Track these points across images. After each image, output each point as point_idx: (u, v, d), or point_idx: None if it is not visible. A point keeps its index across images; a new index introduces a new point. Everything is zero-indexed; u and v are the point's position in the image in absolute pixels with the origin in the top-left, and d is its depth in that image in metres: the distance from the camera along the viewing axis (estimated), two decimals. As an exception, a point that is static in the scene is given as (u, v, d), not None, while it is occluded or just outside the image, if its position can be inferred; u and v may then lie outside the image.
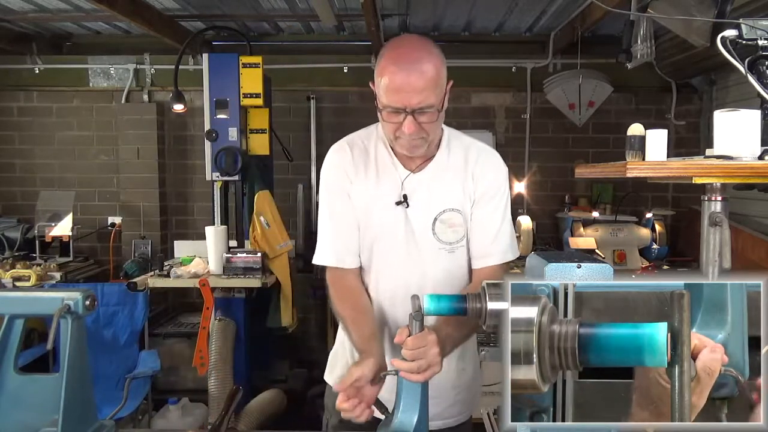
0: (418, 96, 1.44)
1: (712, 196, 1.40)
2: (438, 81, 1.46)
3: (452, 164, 1.64)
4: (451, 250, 1.61)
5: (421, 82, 1.43)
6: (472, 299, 1.15)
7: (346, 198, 1.63)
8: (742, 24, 1.37)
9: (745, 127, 1.34)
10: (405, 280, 1.60)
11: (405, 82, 1.43)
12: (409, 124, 1.47)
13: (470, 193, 1.63)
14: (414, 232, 1.60)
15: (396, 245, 1.61)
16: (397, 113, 1.47)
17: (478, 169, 1.63)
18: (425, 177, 1.62)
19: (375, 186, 1.62)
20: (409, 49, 1.47)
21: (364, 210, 1.63)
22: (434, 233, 1.60)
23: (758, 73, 1.36)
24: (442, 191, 1.61)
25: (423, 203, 1.60)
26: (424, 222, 1.60)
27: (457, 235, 1.61)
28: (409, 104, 1.45)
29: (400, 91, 1.44)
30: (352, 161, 1.64)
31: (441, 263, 1.61)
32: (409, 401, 1.27)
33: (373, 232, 1.63)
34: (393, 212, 1.60)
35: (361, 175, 1.63)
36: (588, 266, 1.08)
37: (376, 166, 1.64)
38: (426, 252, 1.60)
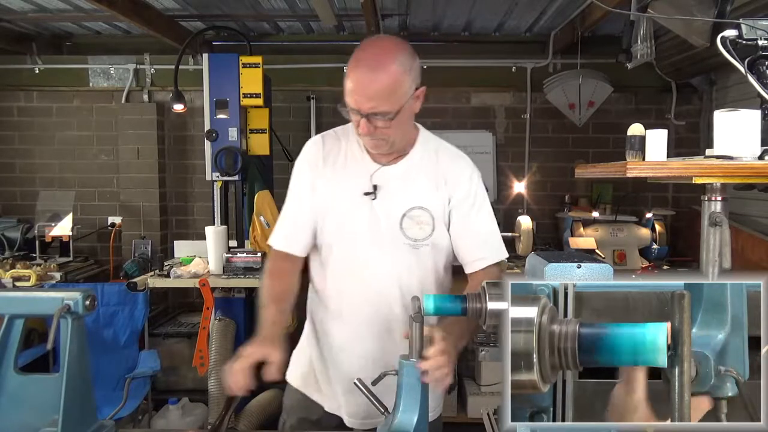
0: (369, 102, 1.47)
1: (712, 196, 1.40)
2: (394, 89, 1.47)
3: (424, 164, 1.65)
4: (415, 246, 1.62)
5: (372, 89, 1.46)
6: (472, 299, 1.15)
7: (308, 191, 1.67)
8: (742, 24, 1.37)
9: (745, 127, 1.34)
10: (363, 270, 1.62)
11: (359, 87, 1.47)
12: (363, 125, 1.50)
13: (444, 197, 1.64)
14: (379, 225, 1.61)
15: (358, 235, 1.62)
16: (355, 113, 1.50)
17: (450, 174, 1.65)
18: (396, 172, 1.63)
19: (342, 175, 1.65)
20: (372, 54, 1.49)
21: (329, 198, 1.65)
22: (401, 228, 1.61)
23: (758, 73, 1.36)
24: (413, 188, 1.63)
25: (392, 197, 1.62)
26: (391, 216, 1.61)
27: (424, 233, 1.61)
28: (361, 108, 1.48)
29: (354, 95, 1.48)
30: (322, 152, 1.68)
31: (403, 259, 1.62)
32: (409, 401, 1.27)
33: (335, 221, 1.65)
34: (359, 202, 1.62)
35: (329, 166, 1.66)
36: (588, 266, 1.08)
37: (346, 157, 1.67)
38: (389, 246, 1.61)
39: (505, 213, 4.28)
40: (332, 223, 1.65)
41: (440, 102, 4.52)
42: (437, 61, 4.40)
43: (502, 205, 4.38)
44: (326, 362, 1.72)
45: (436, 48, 4.51)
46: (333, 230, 1.65)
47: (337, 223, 1.65)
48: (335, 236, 1.66)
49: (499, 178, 4.48)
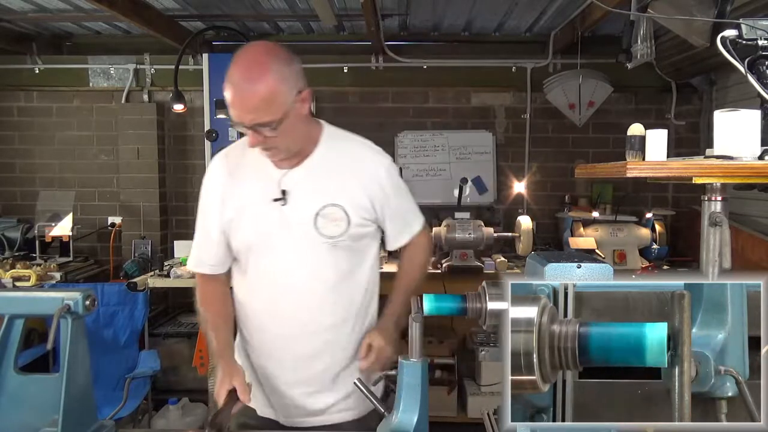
0: (249, 115, 1.47)
1: (712, 196, 1.40)
2: (272, 98, 1.46)
3: (332, 161, 1.66)
4: (334, 244, 1.62)
5: (250, 102, 1.46)
6: (472, 299, 1.15)
7: (217, 207, 1.68)
8: (742, 24, 1.37)
9: (745, 127, 1.34)
10: (283, 276, 1.64)
11: (236, 101, 1.47)
12: (251, 137, 1.51)
13: (359, 190, 1.65)
14: (291, 228, 1.61)
15: (273, 243, 1.63)
16: (238, 126, 1.51)
17: (363, 166, 1.67)
18: (303, 173, 1.64)
19: (249, 186, 1.65)
20: (245, 67, 1.47)
21: (239, 210, 1.65)
22: (316, 227, 1.61)
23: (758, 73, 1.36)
24: (323, 187, 1.63)
25: (303, 199, 1.62)
26: (304, 217, 1.61)
27: (339, 229, 1.62)
28: (243, 121, 1.49)
29: (233, 109, 1.48)
30: (226, 167, 1.69)
31: (322, 258, 1.63)
32: (409, 401, 1.27)
33: (248, 231, 1.65)
34: (269, 209, 1.62)
35: (236, 179, 1.67)
36: (588, 266, 1.08)
37: (250, 168, 1.66)
38: (306, 247, 1.62)
39: (505, 213, 4.28)
40: (245, 235, 1.66)
41: (440, 102, 4.52)
42: (437, 61, 4.40)
43: (502, 205, 4.38)
44: (255, 370, 1.74)
45: (436, 48, 4.51)
46: (247, 241, 1.66)
47: (250, 234, 1.65)
48: (250, 247, 1.66)
49: (499, 178, 4.48)
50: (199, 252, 1.74)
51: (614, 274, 1.07)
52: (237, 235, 1.67)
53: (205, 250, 1.73)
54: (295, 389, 1.69)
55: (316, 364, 1.67)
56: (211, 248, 1.71)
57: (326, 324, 1.66)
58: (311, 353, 1.66)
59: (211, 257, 1.72)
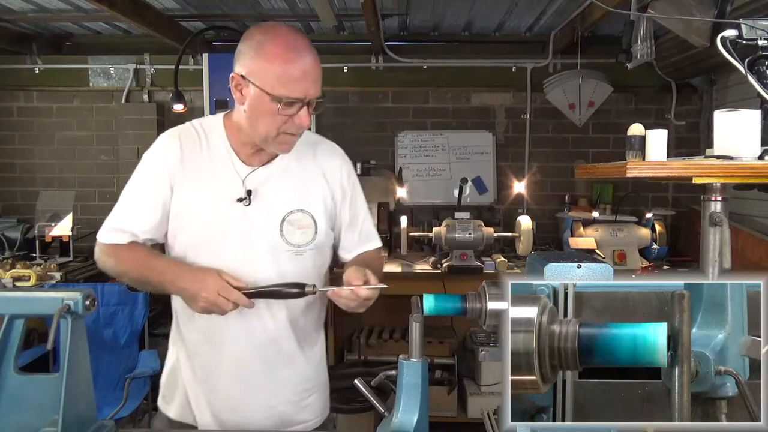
0: (315, 86, 1.39)
1: (712, 196, 1.40)
2: (320, 70, 1.42)
3: (301, 161, 1.55)
4: (299, 252, 1.51)
5: (316, 71, 1.39)
6: (472, 299, 1.15)
7: (161, 190, 1.49)
8: (742, 24, 1.37)
9: (745, 127, 1.34)
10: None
11: (305, 72, 1.36)
12: (307, 115, 1.40)
13: (325, 194, 1.56)
14: (255, 233, 1.49)
15: (230, 247, 1.48)
16: (290, 105, 1.38)
17: (328, 169, 1.58)
18: (272, 173, 1.52)
19: (208, 181, 1.49)
20: (298, 39, 1.39)
21: (193, 207, 1.49)
22: (282, 235, 1.49)
23: (758, 73, 1.36)
24: (291, 189, 1.52)
25: (269, 202, 1.50)
26: (269, 222, 1.49)
27: (306, 238, 1.51)
28: (308, 94, 1.38)
29: (303, 82, 1.37)
30: (179, 152, 1.49)
31: (285, 267, 1.50)
32: (409, 401, 1.27)
33: (203, 232, 1.49)
34: (228, 210, 1.48)
35: (190, 170, 1.49)
36: (588, 266, 1.08)
37: (210, 160, 1.50)
38: (268, 256, 1.49)
39: (505, 213, 4.28)
40: (197, 236, 1.49)
41: (440, 102, 4.52)
42: (437, 61, 4.40)
43: (502, 205, 4.38)
44: (203, 386, 1.56)
45: (436, 48, 4.51)
46: (199, 244, 1.49)
47: (204, 236, 1.48)
48: (202, 251, 1.48)
49: (499, 178, 4.48)
50: (126, 218, 1.51)
51: (614, 274, 1.07)
52: (184, 232, 1.50)
53: (136, 216, 1.50)
54: (245, 400, 1.55)
55: (261, 379, 1.54)
56: (147, 213, 1.49)
57: (285, 339, 1.54)
58: (267, 378, 1.54)
59: (145, 222, 1.49)
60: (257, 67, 1.37)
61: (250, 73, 1.39)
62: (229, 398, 1.55)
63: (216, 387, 1.55)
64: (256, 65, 1.38)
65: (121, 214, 1.53)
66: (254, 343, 1.53)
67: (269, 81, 1.36)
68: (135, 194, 1.52)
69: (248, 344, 1.52)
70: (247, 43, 1.40)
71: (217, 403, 1.56)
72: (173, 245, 1.53)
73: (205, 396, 1.56)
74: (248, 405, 1.55)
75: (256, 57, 1.38)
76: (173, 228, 1.51)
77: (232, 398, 1.55)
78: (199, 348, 1.57)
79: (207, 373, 1.56)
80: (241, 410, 1.55)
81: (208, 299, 1.37)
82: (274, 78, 1.36)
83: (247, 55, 1.39)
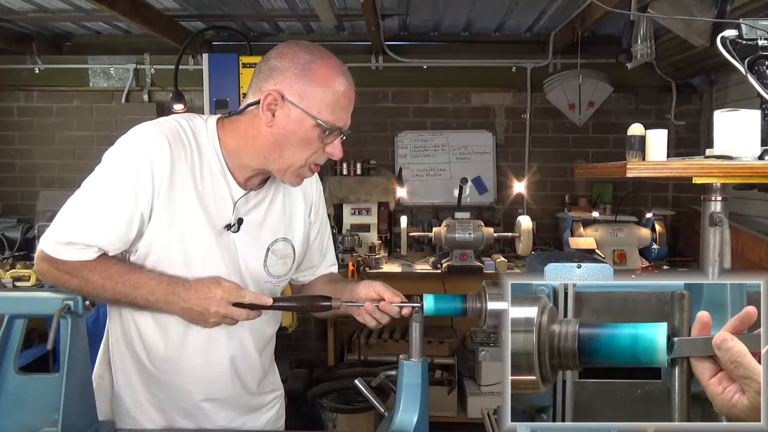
0: (350, 116, 1.32)
1: (712, 196, 1.40)
2: None
3: (288, 186, 1.40)
4: (276, 284, 1.43)
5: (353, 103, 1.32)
6: (472, 299, 1.15)
7: (140, 198, 1.28)
8: (742, 24, 1.37)
9: (745, 127, 1.34)
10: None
11: (353, 99, 1.29)
12: (341, 146, 1.30)
13: (305, 216, 1.48)
14: (240, 265, 1.35)
15: (207, 275, 1.29)
16: (330, 133, 1.27)
17: (307, 186, 1.48)
18: (263, 199, 1.39)
19: (192, 201, 1.30)
20: (340, 62, 1.30)
21: (169, 228, 1.28)
22: (265, 266, 1.38)
23: (758, 73, 1.36)
24: (276, 216, 1.41)
25: (255, 230, 1.37)
26: (255, 252, 1.37)
27: (286, 268, 1.43)
28: (347, 124, 1.30)
29: (348, 109, 1.29)
30: (169, 157, 1.29)
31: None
32: (409, 401, 1.27)
33: (175, 258, 1.30)
34: (217, 237, 1.32)
35: (180, 181, 1.29)
36: (588, 266, 1.08)
37: (201, 176, 1.31)
38: (252, 287, 1.35)
39: (505, 213, 4.29)
40: (172, 261, 1.30)
41: (440, 102, 4.52)
42: (437, 61, 4.40)
43: (502, 205, 4.39)
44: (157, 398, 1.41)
45: (436, 48, 4.51)
46: (173, 268, 1.30)
47: (180, 261, 1.30)
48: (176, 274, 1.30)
49: (499, 178, 4.48)
50: (93, 229, 1.25)
51: (614, 274, 1.07)
52: (157, 252, 1.30)
53: (106, 226, 1.26)
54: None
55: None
56: (121, 225, 1.26)
57: (250, 372, 1.45)
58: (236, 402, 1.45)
59: (119, 234, 1.26)
60: (304, 88, 1.24)
61: (292, 94, 1.25)
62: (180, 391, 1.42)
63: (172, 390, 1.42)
64: (302, 86, 1.24)
65: (86, 222, 1.27)
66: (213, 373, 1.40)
67: (316, 105, 1.24)
68: (107, 200, 1.28)
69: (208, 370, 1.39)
70: (289, 60, 1.26)
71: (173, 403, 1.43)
72: (142, 262, 1.31)
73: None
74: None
75: (302, 77, 1.24)
76: (145, 245, 1.30)
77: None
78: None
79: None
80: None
81: (218, 313, 1.24)
82: (322, 103, 1.24)
83: (290, 73, 1.25)
